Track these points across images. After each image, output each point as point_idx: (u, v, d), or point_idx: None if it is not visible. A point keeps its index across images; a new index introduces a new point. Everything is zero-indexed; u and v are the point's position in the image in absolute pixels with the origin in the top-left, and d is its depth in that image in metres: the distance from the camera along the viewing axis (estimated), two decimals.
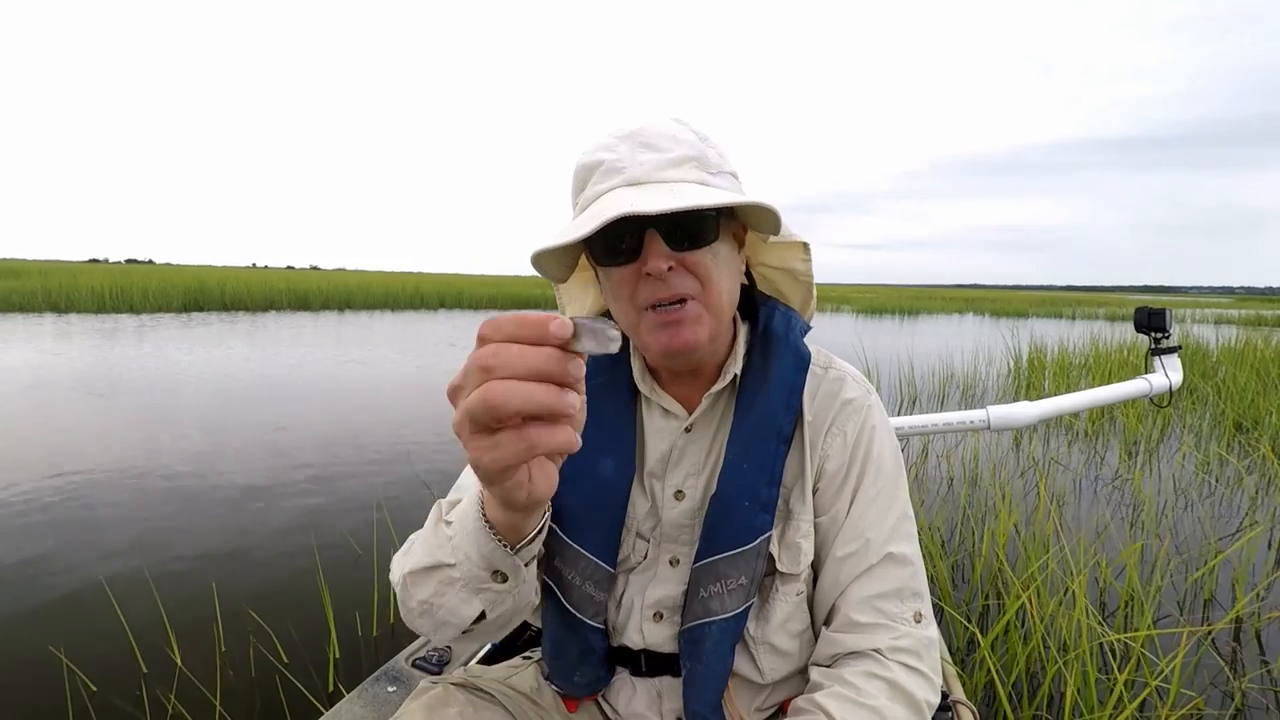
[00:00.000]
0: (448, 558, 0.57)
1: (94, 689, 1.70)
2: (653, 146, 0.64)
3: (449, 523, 0.59)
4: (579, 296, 0.81)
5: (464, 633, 0.61)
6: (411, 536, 0.68)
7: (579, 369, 0.40)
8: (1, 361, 6.65)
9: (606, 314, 0.77)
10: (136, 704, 1.65)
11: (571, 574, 0.71)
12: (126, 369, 6.44)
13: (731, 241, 0.69)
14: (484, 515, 0.53)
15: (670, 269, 0.63)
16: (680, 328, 0.64)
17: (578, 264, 0.74)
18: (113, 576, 2.25)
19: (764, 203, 0.62)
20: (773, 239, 0.74)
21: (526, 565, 0.57)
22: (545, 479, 0.44)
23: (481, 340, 0.40)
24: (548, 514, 0.58)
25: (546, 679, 0.80)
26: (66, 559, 2.42)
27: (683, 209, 0.58)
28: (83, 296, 13.83)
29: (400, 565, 0.65)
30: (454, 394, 0.41)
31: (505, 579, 0.56)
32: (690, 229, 0.63)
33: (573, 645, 0.73)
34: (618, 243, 0.63)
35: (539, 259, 0.65)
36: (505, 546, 0.54)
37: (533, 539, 0.56)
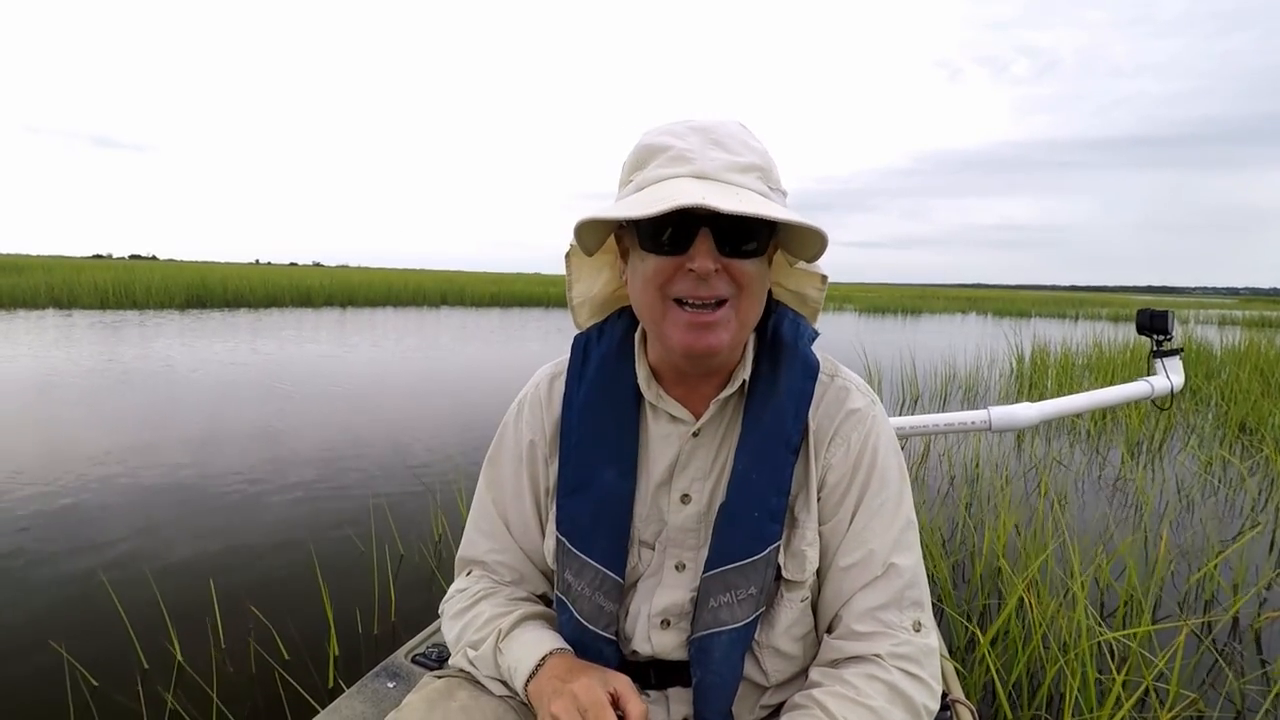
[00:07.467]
0: (472, 662, 0.75)
1: (94, 684, 1.70)
2: (723, 146, 0.63)
3: (501, 651, 0.73)
4: (590, 276, 0.80)
5: None
6: (458, 599, 0.81)
7: None
8: (2, 356, 6.68)
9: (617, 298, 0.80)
10: (136, 699, 1.65)
11: (582, 585, 0.72)
12: (127, 364, 6.45)
13: (766, 258, 0.69)
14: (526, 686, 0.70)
15: (715, 271, 0.62)
16: (711, 330, 0.64)
17: (606, 241, 0.73)
18: (112, 572, 2.25)
19: (823, 230, 0.62)
20: (800, 265, 0.74)
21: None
22: None
23: None
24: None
25: None
26: (66, 554, 2.42)
27: (755, 215, 0.57)
28: (86, 292, 13.84)
29: (452, 624, 0.80)
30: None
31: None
32: (743, 237, 0.62)
33: (586, 659, 0.73)
34: (665, 231, 0.62)
35: (584, 227, 0.64)
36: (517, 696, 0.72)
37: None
